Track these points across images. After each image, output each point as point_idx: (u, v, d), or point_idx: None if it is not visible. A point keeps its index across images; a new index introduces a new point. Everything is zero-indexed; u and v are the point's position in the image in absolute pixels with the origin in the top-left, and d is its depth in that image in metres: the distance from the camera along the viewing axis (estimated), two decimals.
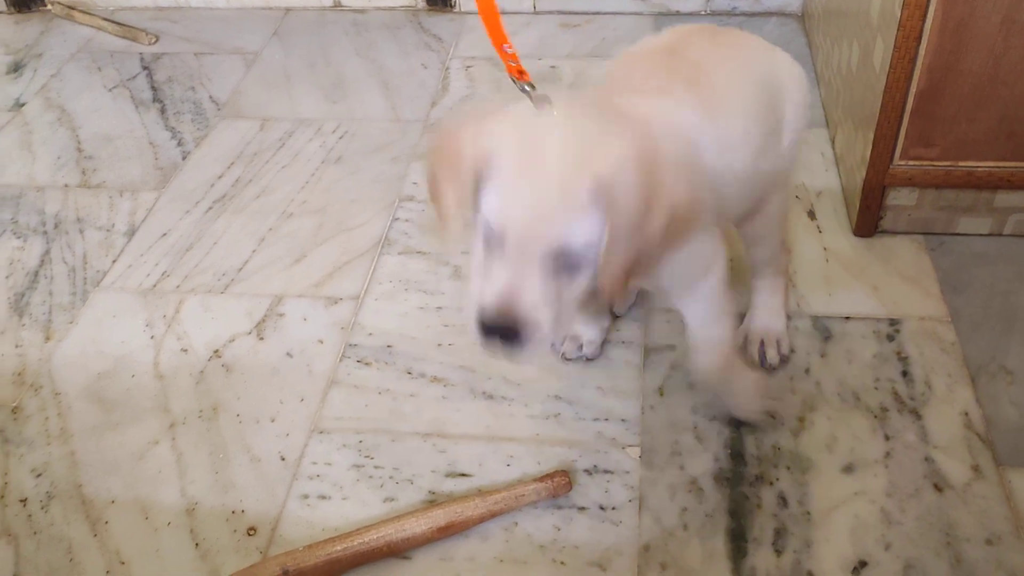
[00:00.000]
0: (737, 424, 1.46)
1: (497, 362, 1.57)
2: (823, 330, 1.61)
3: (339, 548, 1.28)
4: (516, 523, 1.35)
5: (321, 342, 1.65)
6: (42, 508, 1.42)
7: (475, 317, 1.00)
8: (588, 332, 1.57)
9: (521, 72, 1.16)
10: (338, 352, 1.63)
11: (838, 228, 1.81)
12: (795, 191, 1.90)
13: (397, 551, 1.30)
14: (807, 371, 1.54)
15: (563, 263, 0.98)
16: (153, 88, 2.39)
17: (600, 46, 2.44)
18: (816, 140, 2.03)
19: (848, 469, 1.39)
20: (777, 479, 1.39)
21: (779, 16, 2.50)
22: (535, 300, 0.96)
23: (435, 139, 1.02)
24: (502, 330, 0.97)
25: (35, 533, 1.38)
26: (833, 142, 2.01)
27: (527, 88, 1.12)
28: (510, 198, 0.97)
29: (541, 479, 1.36)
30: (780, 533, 1.32)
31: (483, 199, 1.00)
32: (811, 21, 2.35)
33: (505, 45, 1.21)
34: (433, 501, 1.38)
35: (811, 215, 1.85)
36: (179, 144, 2.18)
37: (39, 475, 1.46)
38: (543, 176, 0.95)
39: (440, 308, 1.70)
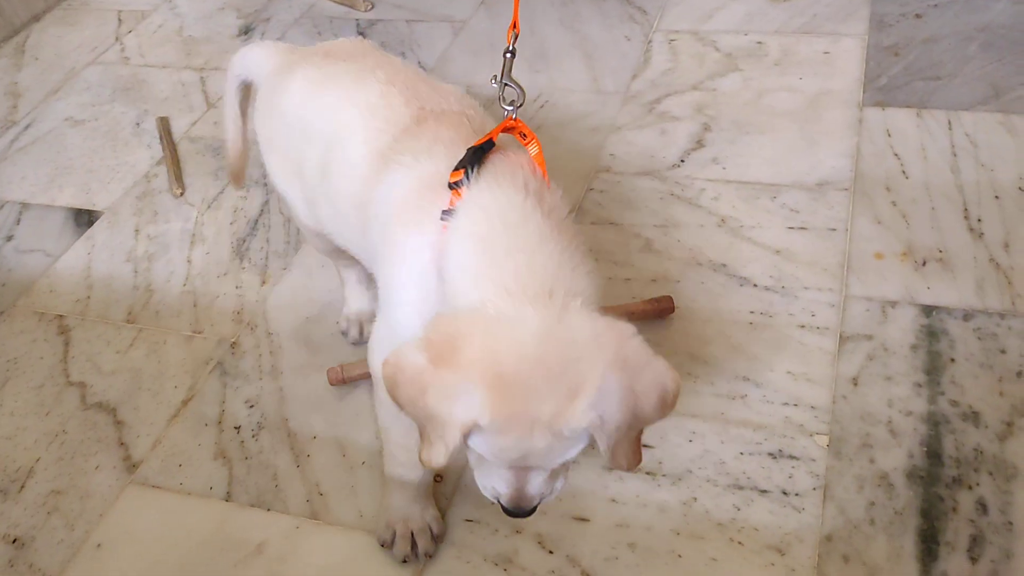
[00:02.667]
0: (935, 421, 1.39)
1: (684, 338, 1.57)
2: None
3: None
4: (695, 499, 1.35)
5: None
6: (253, 436, 1.54)
7: (494, 500, 1.09)
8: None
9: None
10: None
11: None
12: (1018, 182, 1.78)
13: None
14: (1019, 374, 1.45)
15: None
16: None
17: (811, 23, 2.35)
18: None
19: None
20: (977, 484, 1.32)
21: None
22: (542, 488, 1.06)
23: (397, 376, 0.98)
24: (522, 513, 1.07)
25: (246, 458, 1.51)
26: None
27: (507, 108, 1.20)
28: (505, 447, 0.97)
29: (649, 301, 1.61)
30: (977, 540, 1.26)
31: (473, 440, 0.98)
32: None
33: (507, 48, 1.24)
34: (613, 468, 1.40)
35: None
36: None
37: (252, 406, 1.59)
38: (535, 424, 0.94)
39: (628, 280, 1.71)
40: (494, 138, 1.14)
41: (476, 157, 1.10)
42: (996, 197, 1.77)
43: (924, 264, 1.66)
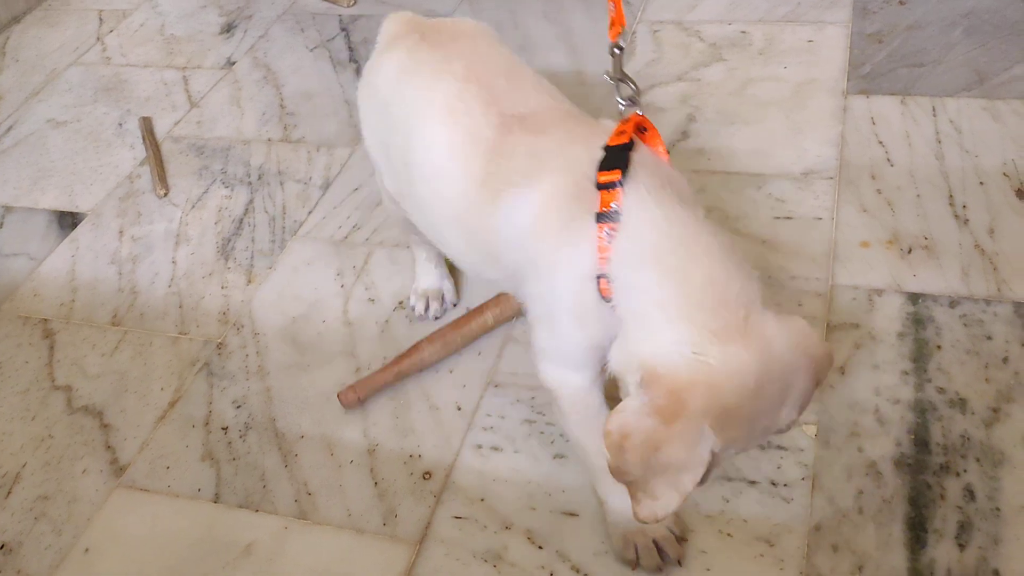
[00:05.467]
0: (922, 409, 1.40)
1: None
2: None
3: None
4: None
5: None
6: (240, 437, 1.54)
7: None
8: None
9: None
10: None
11: None
12: (1003, 168, 1.78)
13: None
14: (1005, 360, 1.45)
15: None
16: (350, 48, 2.49)
17: (795, 11, 2.34)
18: None
19: None
20: (964, 471, 1.32)
21: None
22: None
23: (625, 442, 1.01)
24: None
25: (234, 459, 1.50)
26: None
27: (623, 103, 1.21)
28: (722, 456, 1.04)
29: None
30: (965, 527, 1.26)
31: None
32: None
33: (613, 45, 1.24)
34: None
35: (1020, 194, 1.72)
36: None
37: (239, 407, 1.58)
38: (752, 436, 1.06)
39: None
40: (629, 134, 1.13)
41: (622, 156, 1.10)
42: (981, 183, 1.77)
43: (910, 251, 1.66)
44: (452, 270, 1.71)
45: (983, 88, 1.99)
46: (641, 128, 1.17)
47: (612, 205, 1.07)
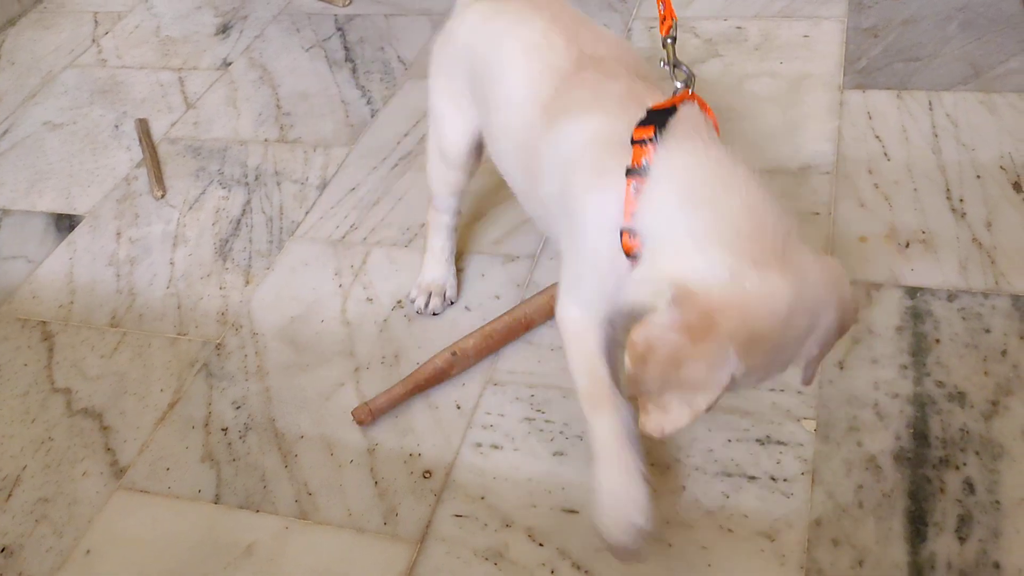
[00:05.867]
0: (922, 403, 1.40)
1: None
2: None
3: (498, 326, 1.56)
4: (684, 487, 1.35)
5: (498, 297, 1.70)
6: (240, 438, 1.54)
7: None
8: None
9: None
10: None
11: None
12: (1000, 161, 1.78)
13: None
14: (1004, 353, 1.45)
15: None
16: (346, 48, 2.49)
17: (790, 6, 2.34)
18: None
19: None
20: (964, 464, 1.32)
21: None
22: None
23: (649, 354, 0.99)
24: None
25: (234, 460, 1.50)
26: None
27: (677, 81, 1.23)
28: (741, 385, 1.02)
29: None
30: (965, 520, 1.26)
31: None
32: None
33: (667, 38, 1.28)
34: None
35: (1017, 187, 1.73)
36: (368, 102, 2.27)
37: (238, 408, 1.58)
38: (774, 365, 1.05)
39: None
40: (677, 105, 1.14)
41: (661, 117, 1.11)
42: (978, 177, 1.77)
43: (907, 246, 1.66)
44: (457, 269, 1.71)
45: (979, 82, 1.99)
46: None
47: (643, 161, 1.08)
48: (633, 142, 1.10)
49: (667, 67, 1.25)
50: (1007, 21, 2.16)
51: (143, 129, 2.28)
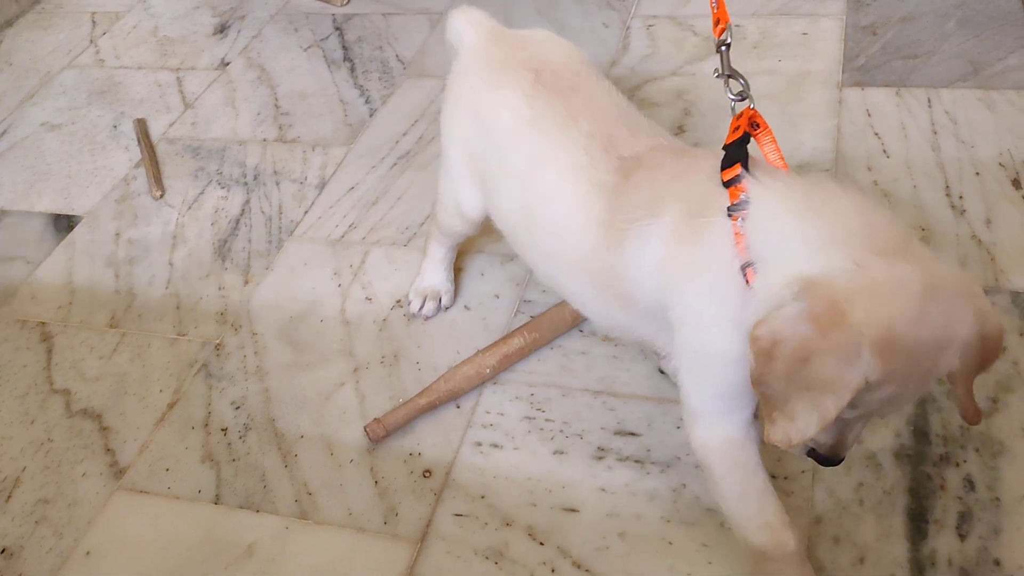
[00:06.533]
0: (922, 400, 1.40)
1: None
2: None
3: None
4: (685, 485, 1.35)
5: (497, 297, 1.70)
6: (240, 438, 1.53)
7: (804, 450, 1.11)
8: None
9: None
10: (512, 307, 1.67)
11: None
12: (999, 158, 1.78)
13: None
14: (1004, 350, 1.45)
15: None
16: (344, 48, 2.49)
17: (789, 4, 2.34)
18: None
19: None
20: (964, 461, 1.32)
21: None
22: (857, 436, 1.10)
23: (774, 349, 0.95)
24: (837, 461, 1.11)
25: (233, 460, 1.50)
26: None
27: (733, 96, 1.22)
28: (874, 399, 0.96)
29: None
30: (965, 517, 1.26)
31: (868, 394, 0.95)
32: None
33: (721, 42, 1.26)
34: (602, 458, 1.41)
35: (1016, 184, 1.73)
36: (367, 102, 2.27)
37: (238, 408, 1.58)
38: (912, 376, 0.97)
39: None
40: (743, 128, 1.13)
41: (741, 150, 1.09)
42: (977, 173, 1.77)
43: None
44: (454, 275, 1.71)
45: (978, 79, 1.99)
46: (754, 123, 1.16)
47: (741, 196, 1.05)
48: (725, 184, 1.07)
49: (721, 77, 1.23)
50: (1005, 18, 2.16)
51: (141, 129, 2.28)
